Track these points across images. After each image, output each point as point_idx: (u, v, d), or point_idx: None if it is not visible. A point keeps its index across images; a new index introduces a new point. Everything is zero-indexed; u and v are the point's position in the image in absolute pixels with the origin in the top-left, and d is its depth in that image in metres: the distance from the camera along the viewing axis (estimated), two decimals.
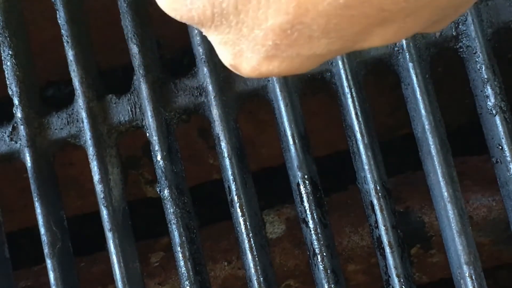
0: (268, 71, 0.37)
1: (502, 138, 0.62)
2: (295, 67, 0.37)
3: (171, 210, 0.64)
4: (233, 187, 0.64)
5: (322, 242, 0.63)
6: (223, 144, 0.64)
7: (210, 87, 0.64)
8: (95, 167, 0.65)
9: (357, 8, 0.34)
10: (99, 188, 0.65)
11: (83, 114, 0.66)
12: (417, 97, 0.63)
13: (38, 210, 0.65)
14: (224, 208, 0.69)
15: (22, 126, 0.66)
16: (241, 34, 0.36)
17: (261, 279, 0.63)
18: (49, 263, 0.65)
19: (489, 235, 0.82)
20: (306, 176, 0.63)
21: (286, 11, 0.34)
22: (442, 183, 0.61)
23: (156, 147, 0.65)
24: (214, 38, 0.38)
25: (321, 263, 0.63)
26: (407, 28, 0.36)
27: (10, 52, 0.67)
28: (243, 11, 0.35)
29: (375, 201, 0.62)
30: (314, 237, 0.63)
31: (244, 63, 0.38)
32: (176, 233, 0.64)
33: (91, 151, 0.65)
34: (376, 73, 0.69)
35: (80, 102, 0.66)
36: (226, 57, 0.38)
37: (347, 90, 0.64)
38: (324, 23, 0.34)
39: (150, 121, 0.65)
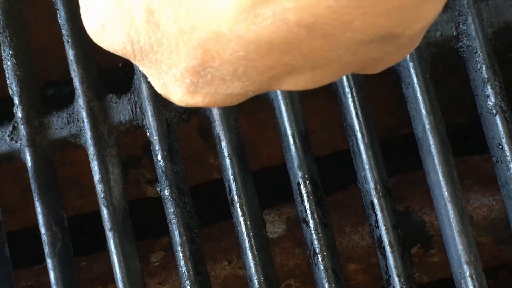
0: (194, 103, 0.39)
1: (503, 137, 0.62)
2: (218, 102, 0.39)
3: (172, 210, 0.64)
4: (233, 186, 0.64)
5: (322, 241, 0.63)
6: (224, 144, 0.64)
7: None
8: (96, 167, 0.65)
9: (257, 61, 0.35)
10: (99, 187, 0.65)
11: (84, 114, 0.66)
12: (418, 97, 0.63)
13: (39, 209, 0.65)
14: (224, 208, 0.69)
15: (22, 126, 0.66)
16: (162, 70, 0.38)
17: (262, 278, 0.63)
18: (49, 262, 0.65)
19: (489, 235, 0.82)
20: (306, 176, 0.63)
21: (195, 56, 0.35)
22: (443, 183, 0.61)
23: (157, 147, 0.65)
24: (142, 69, 0.39)
25: (321, 262, 0.63)
26: (318, 78, 0.37)
27: (10, 52, 0.67)
28: (159, 51, 0.36)
29: (375, 201, 0.62)
30: (314, 236, 0.63)
31: (171, 94, 0.39)
32: (176, 233, 0.64)
33: (91, 150, 0.65)
34: (376, 73, 0.69)
35: (80, 101, 0.66)
36: (155, 87, 0.40)
37: (347, 89, 0.64)
38: (232, 70, 0.36)
39: (150, 120, 0.65)
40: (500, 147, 0.62)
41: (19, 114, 0.66)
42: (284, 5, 0.32)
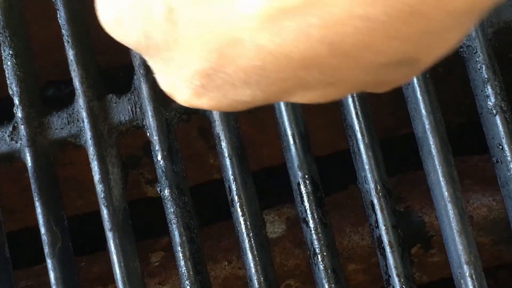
0: (198, 105, 0.39)
1: (503, 137, 0.62)
2: (224, 106, 0.39)
3: (172, 210, 0.64)
4: (233, 186, 0.64)
5: (322, 241, 0.63)
6: (224, 144, 0.64)
7: None
8: (96, 167, 0.65)
9: (273, 72, 0.35)
10: (99, 187, 0.65)
11: (84, 114, 0.66)
12: (418, 97, 0.63)
13: (39, 209, 0.65)
14: (224, 208, 0.69)
15: (22, 126, 0.66)
16: (172, 68, 0.37)
17: (262, 278, 0.63)
18: (49, 262, 0.65)
19: (489, 235, 0.82)
20: (306, 176, 0.63)
21: (210, 59, 0.35)
22: (443, 183, 0.61)
23: (157, 147, 0.65)
24: (151, 65, 0.39)
25: (321, 262, 0.63)
26: (329, 94, 0.37)
27: (10, 52, 0.67)
28: (173, 50, 0.36)
29: (375, 201, 0.62)
30: (314, 236, 0.63)
31: (177, 93, 0.39)
32: (176, 233, 0.64)
33: (91, 150, 0.65)
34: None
35: (80, 101, 0.66)
36: (162, 85, 0.40)
37: None
38: (245, 77, 0.35)
39: (150, 120, 0.65)
40: (500, 147, 0.62)
41: (19, 114, 0.66)
42: (310, 20, 0.32)
